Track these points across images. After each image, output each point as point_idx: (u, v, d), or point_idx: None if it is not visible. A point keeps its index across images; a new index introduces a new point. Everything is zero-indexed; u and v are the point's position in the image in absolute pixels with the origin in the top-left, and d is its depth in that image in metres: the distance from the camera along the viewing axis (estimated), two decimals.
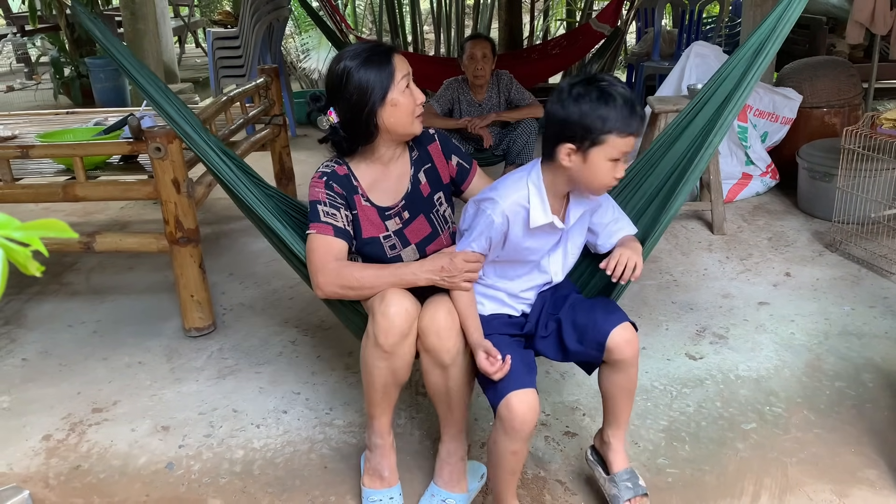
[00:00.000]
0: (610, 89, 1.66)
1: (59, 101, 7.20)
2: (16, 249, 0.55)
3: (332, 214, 1.87)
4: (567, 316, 1.84)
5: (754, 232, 3.75)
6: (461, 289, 1.82)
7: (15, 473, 2.17)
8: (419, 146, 2.00)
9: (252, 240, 3.88)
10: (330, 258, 1.85)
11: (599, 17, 5.78)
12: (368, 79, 1.82)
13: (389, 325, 1.76)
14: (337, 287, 1.86)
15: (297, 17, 8.53)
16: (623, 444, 1.93)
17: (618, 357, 1.77)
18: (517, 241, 1.80)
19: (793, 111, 4.22)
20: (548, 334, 1.87)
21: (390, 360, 1.80)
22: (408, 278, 1.84)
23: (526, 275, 1.89)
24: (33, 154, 2.86)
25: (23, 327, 3.04)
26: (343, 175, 1.91)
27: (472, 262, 1.81)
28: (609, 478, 1.92)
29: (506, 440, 1.72)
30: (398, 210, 1.96)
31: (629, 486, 1.87)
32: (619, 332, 1.75)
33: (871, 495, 1.97)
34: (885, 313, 2.90)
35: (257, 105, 3.94)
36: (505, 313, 1.91)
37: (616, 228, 1.92)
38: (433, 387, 1.87)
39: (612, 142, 1.66)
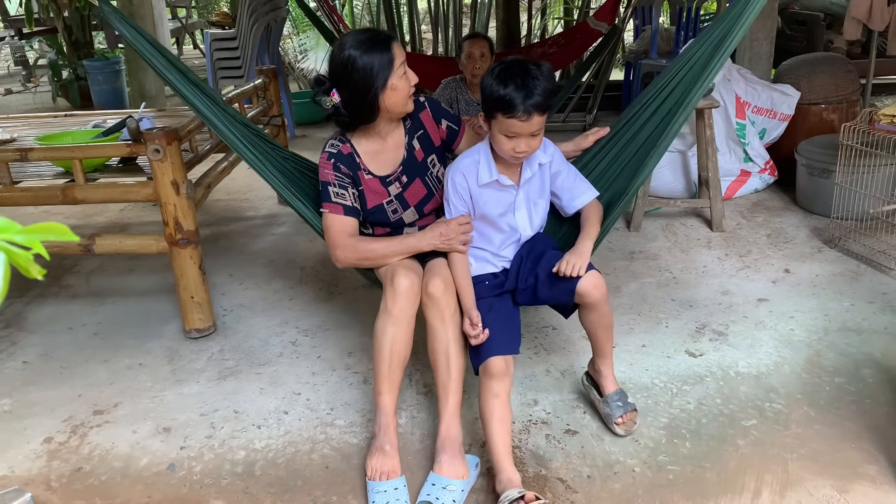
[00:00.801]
0: (511, 73, 1.93)
1: (58, 104, 7.20)
2: (17, 253, 0.55)
3: (341, 195, 2.16)
4: (544, 269, 2.12)
5: (753, 229, 3.76)
6: (459, 251, 2.13)
7: (17, 476, 2.17)
8: (411, 115, 2.25)
9: (252, 240, 3.88)
10: (344, 235, 2.15)
11: (597, 16, 5.78)
12: (372, 66, 2.05)
13: (398, 294, 2.04)
14: (354, 259, 2.18)
15: (295, 18, 8.53)
16: (611, 371, 2.26)
17: (588, 300, 2.07)
18: (477, 196, 2.12)
19: (791, 108, 4.22)
20: (527, 286, 2.16)
21: (398, 325, 2.04)
22: (413, 247, 2.15)
23: (501, 233, 2.18)
24: (32, 157, 2.85)
25: (23, 330, 3.04)
26: (347, 154, 2.18)
27: (463, 224, 2.12)
28: (602, 399, 2.26)
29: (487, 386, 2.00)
30: (397, 175, 2.24)
31: (619, 405, 2.22)
32: (586, 279, 2.04)
33: (871, 490, 1.98)
34: (884, 309, 2.90)
35: (256, 106, 3.95)
36: (489, 272, 2.21)
37: (577, 192, 2.24)
38: (435, 341, 2.07)
39: (500, 119, 1.96)
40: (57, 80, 7.16)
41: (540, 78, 1.94)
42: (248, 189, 4.69)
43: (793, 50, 5.38)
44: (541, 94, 1.93)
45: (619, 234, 3.76)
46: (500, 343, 2.03)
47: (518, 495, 1.87)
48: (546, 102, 1.96)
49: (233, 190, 4.67)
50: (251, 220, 4.20)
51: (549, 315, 2.87)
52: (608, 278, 3.22)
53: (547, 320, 2.87)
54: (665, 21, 7.84)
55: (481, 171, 2.09)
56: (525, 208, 2.17)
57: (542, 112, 1.96)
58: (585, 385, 2.35)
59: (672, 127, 2.21)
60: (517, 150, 1.99)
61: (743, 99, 4.19)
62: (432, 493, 1.96)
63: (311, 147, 5.35)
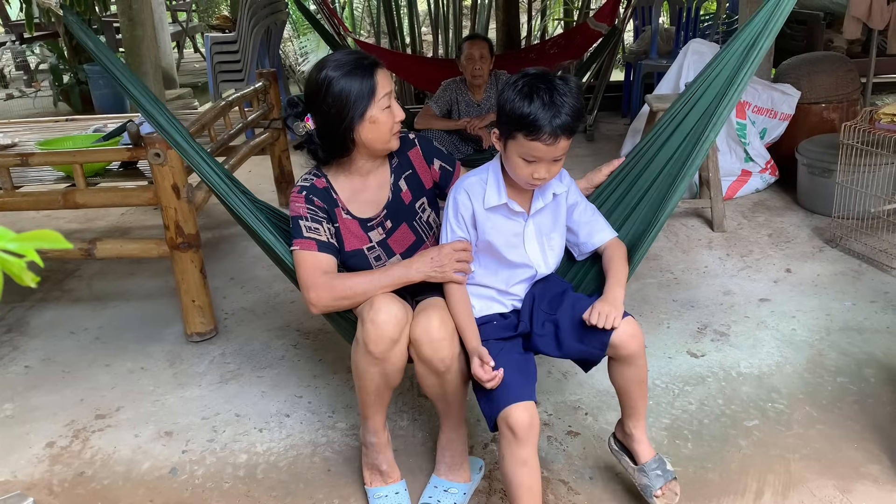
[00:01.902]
0: (537, 88, 1.67)
1: (59, 109, 7.21)
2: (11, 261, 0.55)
3: (314, 229, 1.85)
4: (566, 315, 1.83)
5: (754, 229, 3.75)
6: (454, 280, 1.82)
7: (19, 481, 2.17)
8: (399, 153, 1.98)
9: (252, 244, 3.87)
10: (318, 273, 1.83)
11: (597, 16, 5.78)
12: (350, 92, 1.79)
13: (379, 332, 1.74)
14: (330, 300, 1.83)
15: (295, 21, 8.54)
16: (645, 434, 1.93)
17: (624, 353, 1.77)
18: (482, 221, 1.83)
19: (791, 107, 4.22)
20: (545, 334, 1.85)
21: (382, 365, 1.79)
22: (401, 277, 1.83)
23: (510, 268, 1.89)
24: (33, 162, 2.86)
25: (25, 335, 3.05)
26: (322, 188, 1.89)
27: (459, 250, 1.82)
28: (638, 468, 1.92)
29: (511, 450, 1.70)
30: (380, 220, 1.95)
31: (659, 474, 1.89)
32: (623, 329, 1.74)
33: (874, 490, 1.97)
34: (885, 308, 2.90)
35: (256, 109, 3.95)
36: (496, 313, 1.91)
37: (596, 228, 1.93)
38: (429, 390, 1.89)
39: (521, 140, 1.69)
40: (58, 84, 7.17)
41: (569, 95, 1.68)
42: None
43: (793, 49, 5.37)
44: (569, 113, 1.67)
45: None
46: (517, 387, 1.71)
47: None
48: (575, 124, 1.70)
49: None
50: None
51: None
52: None
53: None
54: (665, 21, 7.84)
55: (489, 193, 1.81)
56: (537, 241, 1.88)
57: (570, 135, 1.71)
58: (614, 450, 2.01)
59: (699, 150, 1.88)
60: (535, 176, 1.72)
61: (743, 98, 4.18)
62: (434, 496, 1.96)
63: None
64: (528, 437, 1.68)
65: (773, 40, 1.87)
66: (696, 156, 1.89)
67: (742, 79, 1.86)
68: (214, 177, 2.07)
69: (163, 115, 2.14)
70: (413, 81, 6.34)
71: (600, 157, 4.85)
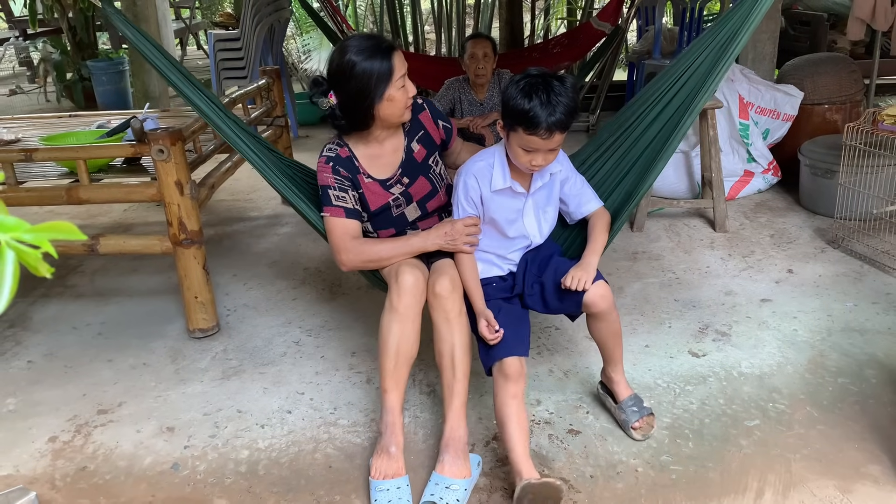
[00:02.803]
0: (536, 87, 1.91)
1: (62, 105, 7.22)
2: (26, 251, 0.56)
3: (341, 198, 2.14)
4: (549, 278, 2.13)
5: (756, 229, 3.76)
6: (464, 251, 2.11)
7: (21, 475, 2.18)
8: (412, 117, 2.22)
9: (255, 240, 3.89)
10: (347, 238, 2.13)
11: (600, 16, 5.78)
12: (371, 75, 2.04)
13: (402, 291, 2.03)
14: (359, 262, 2.15)
15: (299, 19, 8.54)
16: (623, 376, 2.26)
17: (595, 310, 2.09)
18: (488, 201, 2.10)
19: (794, 108, 4.22)
20: (533, 293, 2.17)
21: (403, 322, 2.03)
22: (418, 247, 2.14)
23: (509, 239, 2.17)
24: (37, 157, 2.87)
25: (28, 330, 3.05)
26: (346, 157, 2.17)
27: (470, 225, 2.10)
28: (618, 406, 2.25)
29: (502, 390, 1.98)
30: (398, 178, 2.23)
31: (635, 410, 2.22)
32: (593, 290, 2.05)
33: (874, 491, 1.98)
34: (887, 309, 2.90)
35: (259, 106, 3.95)
36: (496, 275, 2.21)
37: (584, 200, 2.23)
38: (441, 342, 2.06)
39: (521, 133, 1.95)
40: (61, 80, 7.18)
41: (564, 95, 1.92)
42: (252, 189, 4.70)
43: (796, 50, 5.37)
44: (564, 111, 1.91)
45: (622, 234, 3.76)
46: (512, 344, 2.01)
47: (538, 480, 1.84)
48: (569, 121, 1.94)
49: (236, 190, 4.68)
50: (255, 221, 4.21)
51: (552, 316, 2.87)
52: (611, 279, 3.22)
53: (550, 321, 2.88)
54: (668, 21, 7.84)
55: (495, 177, 2.08)
56: (534, 215, 2.17)
57: (564, 130, 1.95)
58: (601, 394, 2.35)
59: (678, 131, 2.18)
60: (534, 163, 1.99)
61: (746, 99, 4.19)
62: (436, 493, 1.97)
63: (313, 148, 5.36)
64: (517, 380, 1.98)
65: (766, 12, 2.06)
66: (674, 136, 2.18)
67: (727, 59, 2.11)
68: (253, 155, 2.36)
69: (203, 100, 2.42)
70: (416, 80, 6.32)
71: None
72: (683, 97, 2.27)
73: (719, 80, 2.12)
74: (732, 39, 2.12)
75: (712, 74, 2.13)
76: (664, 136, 2.26)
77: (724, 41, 2.17)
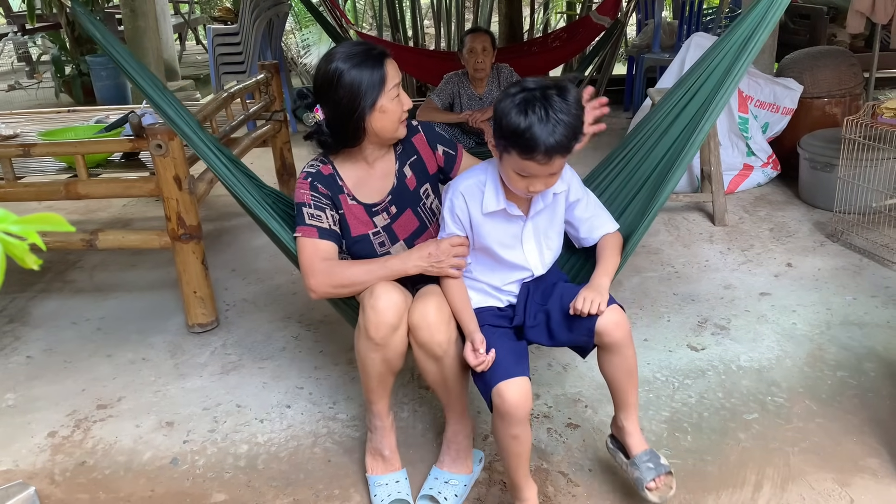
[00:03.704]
0: (533, 103, 1.62)
1: (61, 100, 7.21)
2: (13, 243, 0.55)
3: (316, 216, 1.88)
4: (555, 305, 1.85)
5: (755, 223, 3.75)
6: (450, 275, 1.85)
7: (21, 470, 2.18)
8: (403, 140, 1.99)
9: (254, 236, 3.88)
10: (317, 260, 1.86)
11: (599, 10, 5.77)
12: (360, 83, 1.81)
13: (379, 319, 1.78)
14: (329, 287, 1.87)
15: (297, 13, 8.52)
16: (637, 427, 1.91)
17: (608, 340, 1.78)
18: (478, 225, 1.83)
19: (794, 101, 4.21)
20: (536, 324, 1.88)
21: (383, 351, 1.82)
22: (398, 269, 1.86)
23: (506, 269, 1.90)
24: (35, 152, 2.86)
25: (27, 325, 3.05)
26: (328, 175, 1.93)
27: (456, 246, 1.84)
28: (630, 462, 1.90)
29: (503, 425, 1.73)
30: (385, 206, 1.97)
31: (651, 467, 1.85)
32: (607, 316, 1.76)
33: (873, 484, 1.98)
34: (886, 303, 2.90)
35: (258, 101, 3.95)
36: (493, 305, 1.93)
37: (597, 224, 1.95)
38: (429, 376, 1.91)
39: (514, 156, 1.66)
40: (60, 75, 7.17)
41: (566, 113, 1.62)
42: None
43: (796, 44, 5.35)
44: (565, 133, 1.62)
45: None
46: (508, 366, 1.73)
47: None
48: (571, 143, 1.66)
49: None
50: None
51: None
52: None
53: None
54: (668, 15, 7.82)
55: (487, 198, 1.80)
56: (534, 242, 1.88)
57: (566, 154, 1.66)
58: (611, 449, 1.99)
59: (694, 139, 1.93)
60: (531, 189, 1.71)
61: (746, 93, 4.18)
62: (434, 487, 1.97)
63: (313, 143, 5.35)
64: (518, 413, 1.70)
65: (771, 31, 1.90)
66: (692, 145, 1.93)
67: (739, 70, 1.89)
68: (221, 166, 2.10)
69: (169, 104, 2.17)
70: (415, 74, 6.33)
71: (601, 150, 4.84)
72: (695, 109, 2.04)
73: (732, 90, 1.91)
74: (745, 47, 1.92)
75: (729, 76, 1.93)
76: (678, 147, 2.03)
77: (737, 49, 1.98)
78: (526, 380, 1.72)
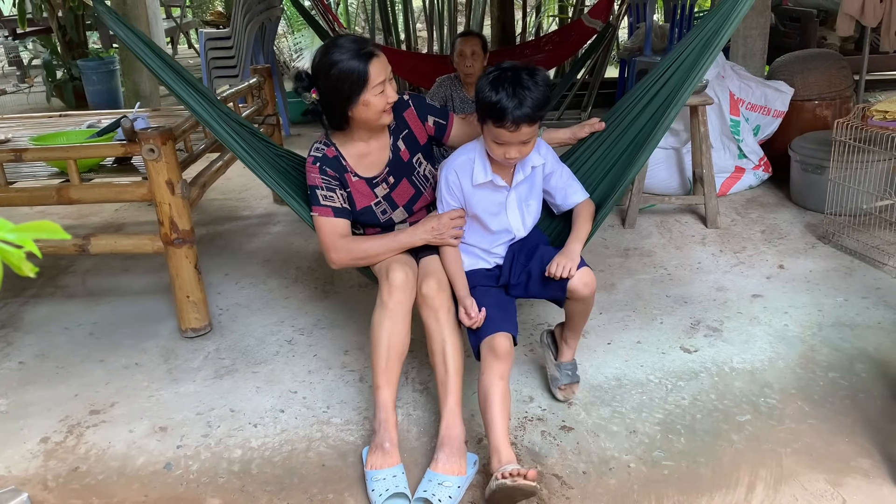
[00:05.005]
0: (503, 80, 1.94)
1: (52, 104, 7.18)
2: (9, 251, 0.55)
3: (329, 197, 2.17)
4: (536, 266, 2.15)
5: (747, 225, 3.77)
6: (450, 244, 2.18)
7: (13, 476, 2.17)
8: (395, 115, 2.21)
9: (247, 240, 3.88)
10: (336, 237, 2.17)
11: (591, 13, 5.79)
12: (348, 78, 2.05)
13: (393, 288, 2.09)
14: (349, 260, 2.21)
15: (290, 17, 8.53)
16: (577, 343, 2.35)
17: (577, 296, 2.11)
18: (469, 194, 2.15)
19: (784, 104, 4.24)
20: (518, 283, 2.20)
21: (393, 319, 2.08)
22: (406, 242, 2.20)
23: (493, 233, 2.22)
24: (27, 157, 2.85)
25: (19, 330, 3.04)
26: (333, 157, 2.20)
27: (455, 218, 2.17)
28: (556, 363, 2.36)
29: (489, 370, 2.01)
30: (384, 177, 2.26)
31: (569, 374, 2.33)
32: (577, 278, 2.07)
33: (864, 484, 1.99)
34: (877, 304, 2.91)
35: (251, 105, 3.95)
36: (482, 267, 2.25)
37: (571, 192, 2.27)
38: (431, 341, 2.11)
39: (490, 126, 1.99)
40: (51, 80, 7.14)
41: (532, 88, 1.94)
42: (244, 188, 4.69)
43: (786, 46, 5.39)
44: (531, 105, 1.93)
45: (613, 231, 3.77)
46: (498, 321, 2.06)
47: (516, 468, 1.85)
48: (536, 114, 1.96)
49: (228, 189, 4.67)
50: (246, 220, 4.20)
51: (545, 313, 2.88)
52: (603, 275, 3.23)
53: (542, 318, 2.88)
54: (659, 18, 7.85)
55: (476, 171, 2.12)
56: (517, 209, 2.21)
57: (532, 123, 1.97)
58: (545, 343, 2.43)
59: (663, 122, 2.22)
60: (508, 156, 2.02)
61: (737, 96, 4.20)
62: (429, 490, 1.97)
63: (305, 146, 5.32)
64: (505, 358, 2.02)
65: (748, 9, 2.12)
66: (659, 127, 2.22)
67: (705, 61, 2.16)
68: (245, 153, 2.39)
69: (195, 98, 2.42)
70: (408, 77, 6.33)
71: None
72: (669, 90, 2.31)
73: (703, 71, 2.17)
74: (716, 33, 2.16)
75: (697, 66, 2.18)
76: (650, 127, 2.30)
77: (709, 35, 2.22)
78: (510, 335, 2.05)
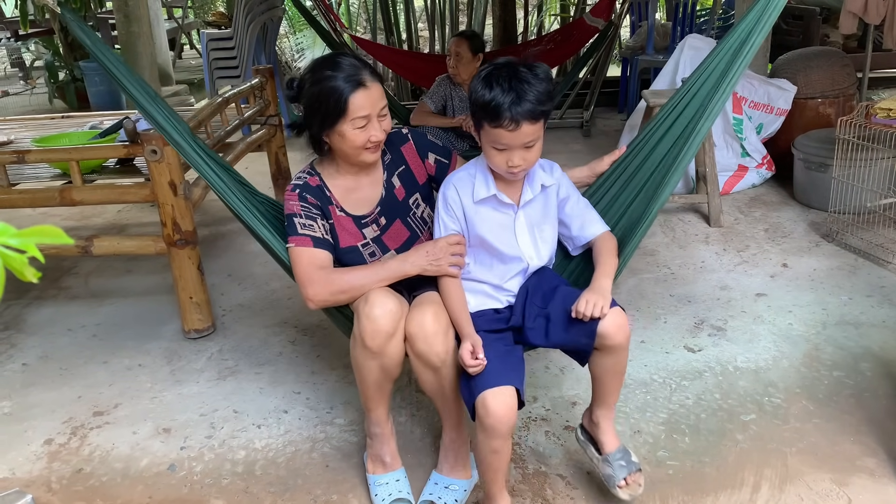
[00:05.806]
0: (498, 75, 1.69)
1: (55, 106, 7.19)
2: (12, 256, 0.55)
3: (309, 226, 1.86)
4: (557, 307, 1.82)
5: (751, 224, 3.76)
6: (449, 273, 1.83)
7: (18, 478, 2.17)
8: (392, 149, 1.97)
9: (250, 241, 3.88)
10: (314, 268, 1.84)
11: (593, 12, 5.78)
12: (326, 100, 1.79)
13: (374, 327, 1.75)
14: (328, 294, 1.84)
15: (291, 17, 8.52)
16: (612, 424, 1.92)
17: (609, 343, 1.75)
18: (472, 214, 1.84)
19: (787, 102, 4.22)
20: (535, 327, 1.85)
21: (379, 359, 1.80)
22: (396, 270, 1.84)
23: (503, 263, 1.89)
24: (29, 159, 2.85)
25: (23, 332, 3.04)
26: (315, 186, 1.91)
27: (454, 244, 1.83)
28: (602, 458, 1.91)
29: (484, 438, 1.71)
30: (374, 217, 1.96)
31: (623, 465, 1.87)
32: (610, 318, 1.73)
33: (870, 483, 1.98)
34: (882, 302, 2.91)
35: (253, 106, 3.94)
36: (491, 308, 1.91)
37: (588, 221, 1.95)
38: (426, 385, 1.89)
39: (487, 129, 1.72)
40: (53, 81, 7.15)
41: (532, 82, 1.68)
42: None
43: (789, 44, 5.37)
44: (532, 100, 1.67)
45: None
46: (496, 374, 1.70)
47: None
48: (539, 109, 1.69)
49: None
50: None
51: None
52: None
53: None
54: (661, 17, 7.84)
55: (477, 186, 1.82)
56: (528, 233, 1.88)
57: (534, 120, 1.69)
58: (581, 441, 2.00)
59: (691, 144, 1.92)
60: (510, 163, 1.73)
61: (740, 94, 4.19)
62: (434, 493, 1.97)
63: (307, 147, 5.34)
64: (500, 427, 1.67)
65: (766, 35, 1.91)
66: (687, 150, 1.92)
67: (734, 74, 1.90)
68: (212, 174, 2.09)
69: (160, 111, 2.15)
70: (409, 77, 6.34)
71: (596, 152, 4.84)
72: (692, 113, 2.02)
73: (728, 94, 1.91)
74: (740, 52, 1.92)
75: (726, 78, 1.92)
76: (676, 150, 2.00)
77: (732, 53, 1.97)
78: (512, 390, 1.68)
